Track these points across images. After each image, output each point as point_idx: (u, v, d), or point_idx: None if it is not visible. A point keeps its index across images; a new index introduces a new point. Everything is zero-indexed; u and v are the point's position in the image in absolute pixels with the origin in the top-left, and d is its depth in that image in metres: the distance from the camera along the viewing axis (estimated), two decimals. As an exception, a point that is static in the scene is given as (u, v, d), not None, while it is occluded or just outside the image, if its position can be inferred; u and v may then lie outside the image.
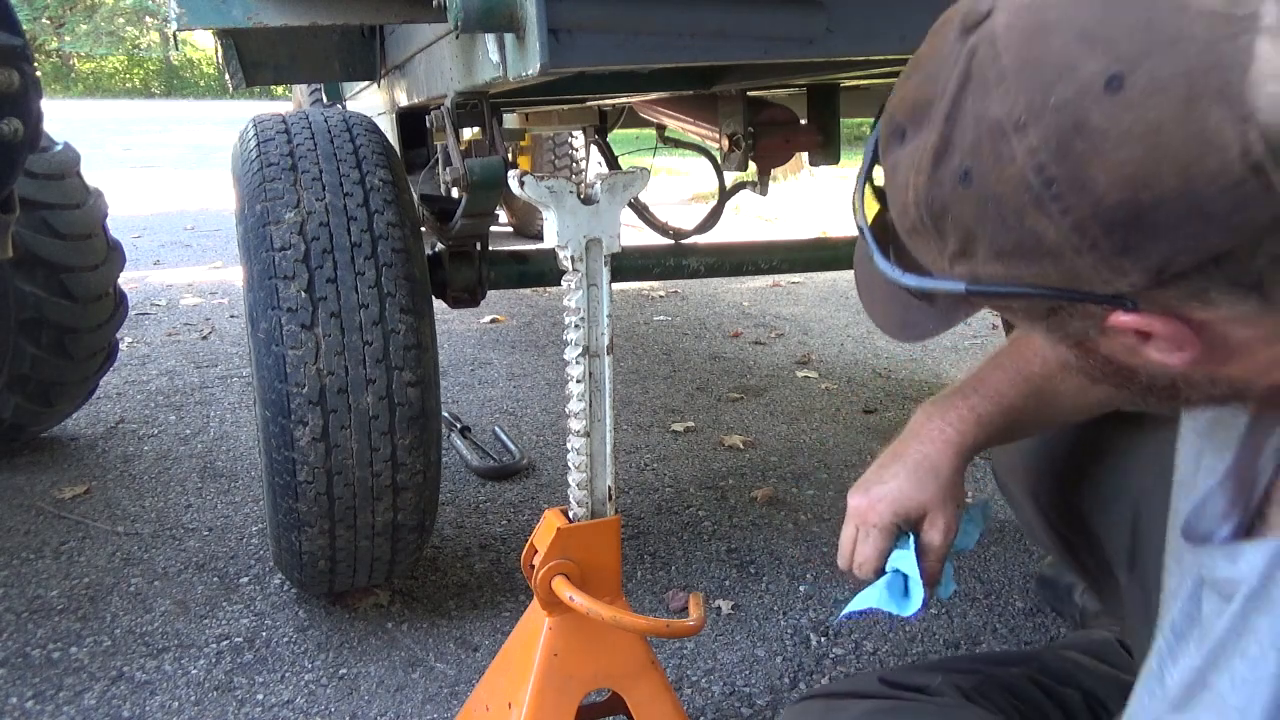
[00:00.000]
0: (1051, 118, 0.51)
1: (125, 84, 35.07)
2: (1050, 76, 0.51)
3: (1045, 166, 0.52)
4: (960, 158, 0.55)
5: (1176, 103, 0.48)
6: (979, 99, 0.54)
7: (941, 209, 0.57)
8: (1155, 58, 0.49)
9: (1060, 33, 0.52)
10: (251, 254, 1.47)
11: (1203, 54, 0.48)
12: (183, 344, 3.76)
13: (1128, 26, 0.50)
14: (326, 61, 2.10)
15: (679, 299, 4.58)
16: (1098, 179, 0.50)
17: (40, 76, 1.71)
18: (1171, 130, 0.48)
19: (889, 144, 0.62)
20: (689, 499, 2.31)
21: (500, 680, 1.23)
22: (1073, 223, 0.52)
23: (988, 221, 0.55)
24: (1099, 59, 0.50)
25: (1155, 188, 0.49)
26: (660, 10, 0.86)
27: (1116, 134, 0.49)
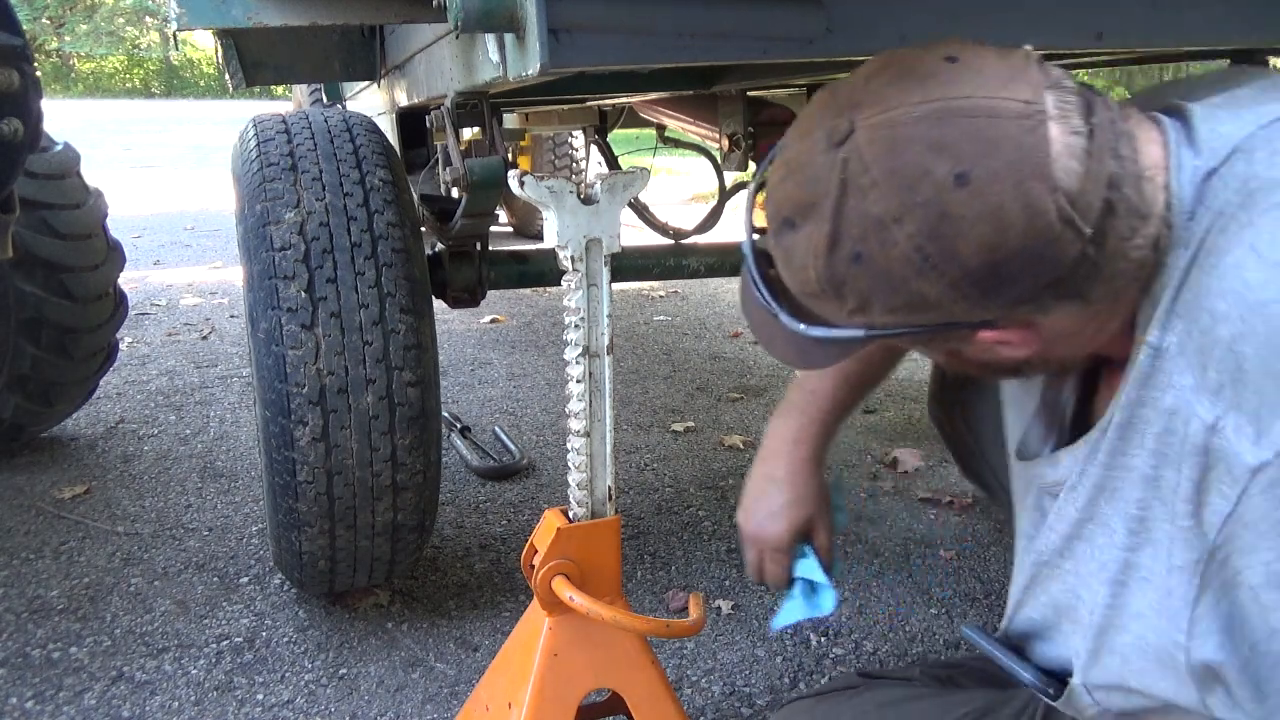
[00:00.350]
0: (920, 211, 0.68)
1: (125, 84, 35.06)
2: (913, 179, 0.68)
3: (922, 247, 0.68)
4: (851, 244, 0.71)
5: (1009, 187, 0.66)
6: (858, 201, 0.70)
7: (840, 281, 0.73)
8: (987, 157, 0.67)
9: (912, 145, 0.68)
10: (251, 254, 1.47)
11: (1018, 147, 0.66)
12: (183, 344, 3.76)
13: (961, 135, 0.67)
14: (326, 61, 2.10)
15: (679, 299, 4.58)
16: (962, 250, 0.68)
17: (40, 76, 1.71)
18: (1009, 207, 0.66)
19: (781, 231, 0.76)
20: (689, 499, 2.31)
21: (500, 680, 1.23)
22: (948, 283, 0.70)
23: (880, 289, 0.72)
24: (946, 163, 0.67)
25: (1004, 249, 0.67)
26: (660, 10, 0.86)
27: (971, 216, 0.67)
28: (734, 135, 2.20)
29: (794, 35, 0.89)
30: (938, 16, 0.94)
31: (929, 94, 0.69)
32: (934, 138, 0.68)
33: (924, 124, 0.68)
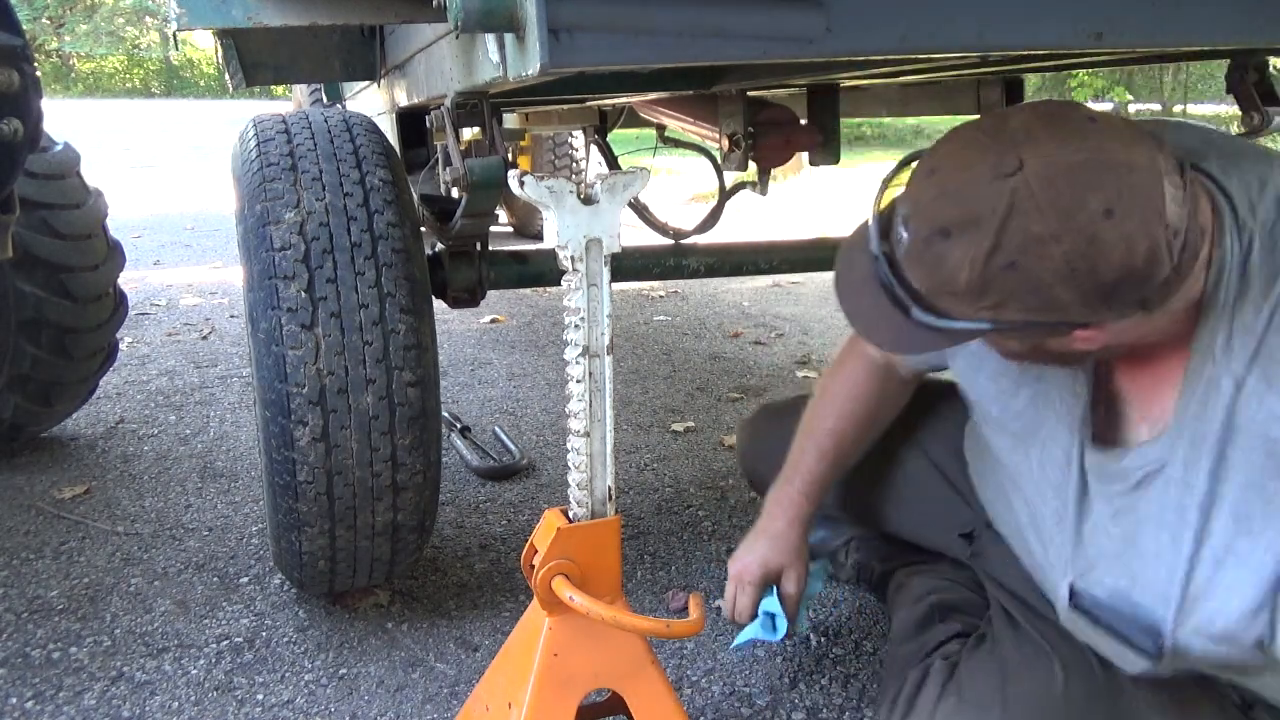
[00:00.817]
0: (1076, 235, 0.86)
1: (125, 84, 35.04)
2: (1072, 209, 0.86)
3: (1072, 262, 0.87)
4: (1008, 255, 0.88)
5: (1140, 224, 0.86)
6: (1021, 221, 0.87)
7: (988, 284, 0.90)
8: (1127, 199, 0.86)
9: (1072, 183, 0.87)
10: (251, 254, 1.47)
11: (1148, 195, 0.87)
12: (183, 344, 3.76)
13: (1108, 180, 0.86)
14: (326, 61, 2.10)
15: (679, 299, 4.58)
16: (1102, 267, 0.87)
17: (40, 76, 1.71)
18: (1140, 238, 0.87)
19: (932, 237, 0.92)
20: (689, 499, 2.31)
21: (500, 680, 1.23)
22: (1082, 292, 0.88)
23: (1023, 292, 0.90)
24: (1099, 199, 0.86)
25: (1131, 269, 0.87)
26: (660, 10, 0.85)
27: (1113, 241, 0.86)
28: (734, 135, 2.20)
29: (794, 35, 0.89)
30: (938, 16, 0.94)
31: (1083, 145, 0.88)
32: (1089, 180, 0.86)
33: (1081, 169, 0.87)
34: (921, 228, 0.93)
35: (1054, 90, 14.88)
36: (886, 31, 0.93)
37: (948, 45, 0.97)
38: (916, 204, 0.95)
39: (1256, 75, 1.76)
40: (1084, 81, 11.86)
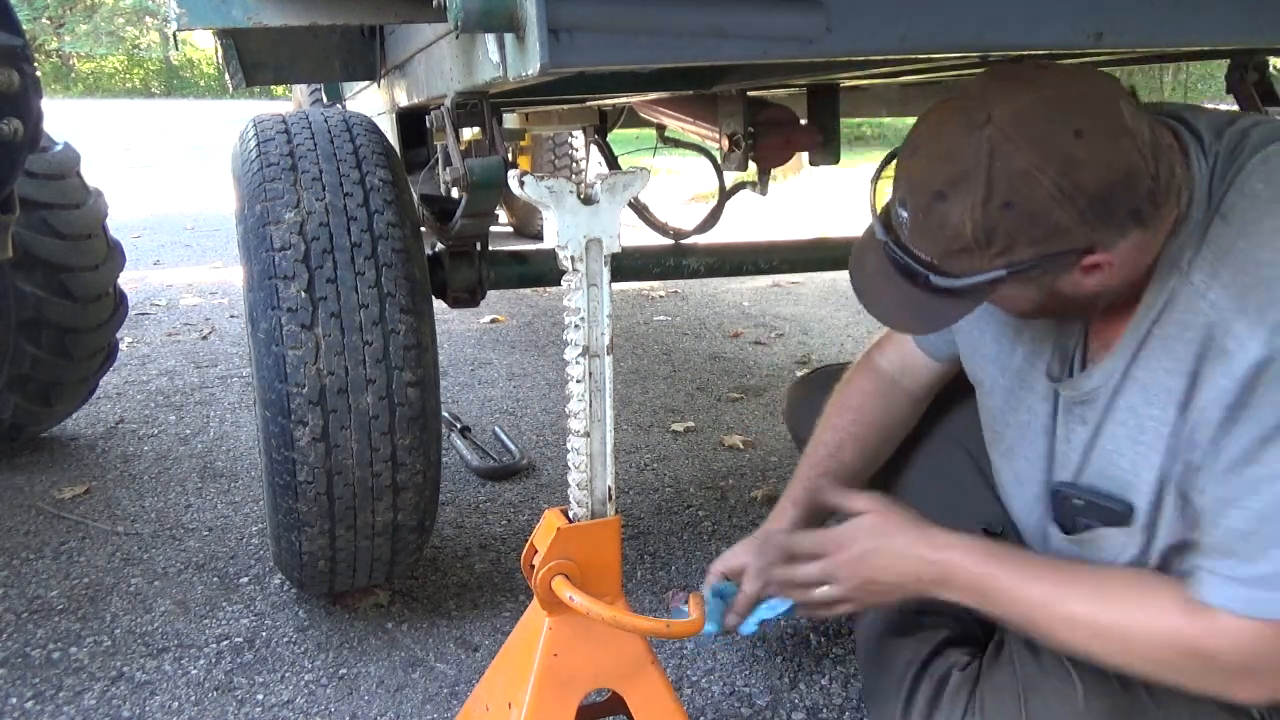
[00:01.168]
0: (1056, 159, 0.93)
1: (125, 84, 35.04)
2: (1046, 138, 0.94)
3: (1060, 184, 0.93)
4: (1002, 195, 0.95)
5: (1108, 138, 0.94)
6: (1005, 162, 0.94)
7: (992, 228, 0.96)
8: (1092, 119, 0.95)
9: (1039, 116, 0.95)
10: (251, 254, 1.47)
11: (1108, 115, 0.95)
12: (183, 344, 3.76)
13: (1072, 108, 0.95)
14: (326, 61, 2.10)
15: (679, 299, 4.58)
16: (1086, 182, 0.94)
17: (40, 76, 1.71)
18: (1111, 150, 0.94)
19: (931, 205, 0.98)
20: (689, 499, 2.31)
21: (500, 680, 1.23)
22: (1077, 210, 0.95)
23: (1026, 225, 0.95)
24: (1067, 125, 0.94)
25: (1111, 179, 0.94)
26: (660, 10, 0.86)
27: (1088, 158, 0.94)
28: (734, 135, 2.20)
29: (794, 35, 0.89)
30: (938, 16, 0.94)
31: (1039, 86, 0.96)
32: (1052, 111, 0.94)
33: (1044, 103, 0.95)
34: (919, 198, 0.99)
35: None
36: (886, 31, 0.93)
37: (948, 45, 0.97)
38: (908, 180, 1.01)
39: (1256, 75, 1.76)
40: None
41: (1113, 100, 0.96)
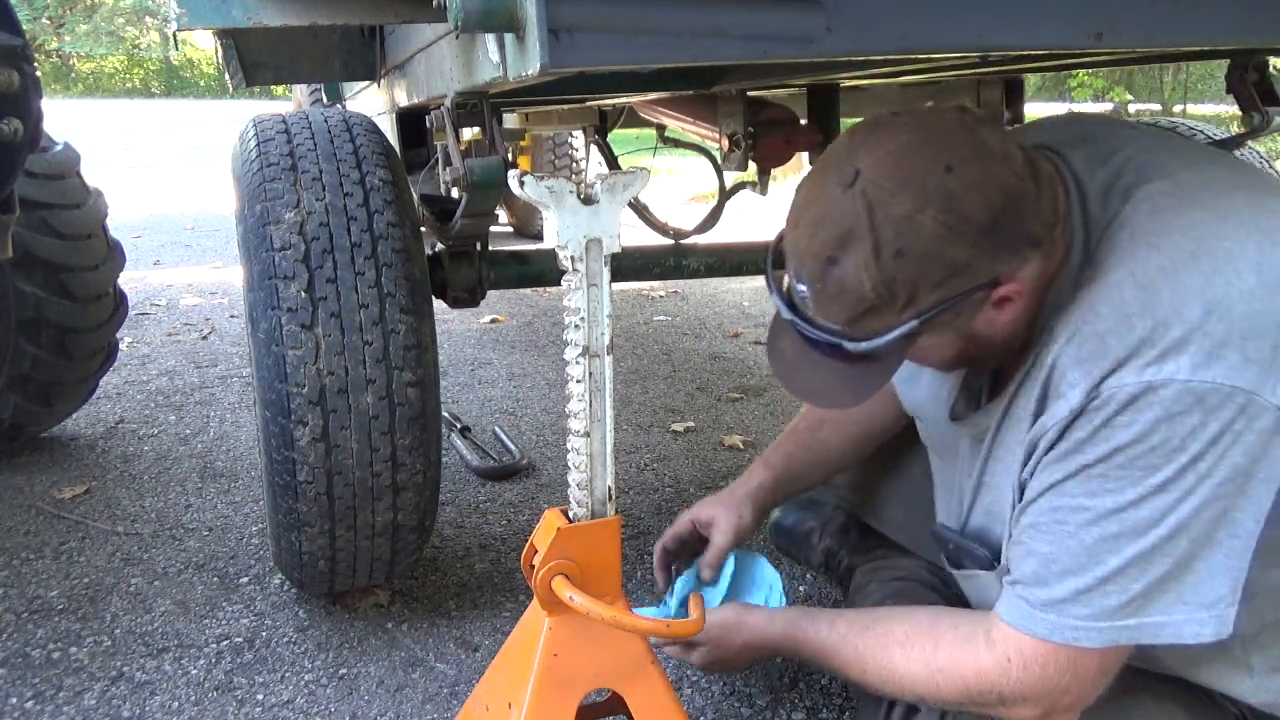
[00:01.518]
0: (934, 198, 0.94)
1: (125, 84, 35.05)
2: (920, 179, 0.94)
3: (944, 221, 0.94)
4: (891, 246, 0.95)
5: (976, 166, 0.95)
6: (885, 210, 0.95)
7: (891, 279, 0.96)
8: (957, 151, 0.95)
9: (907, 160, 0.96)
10: (251, 254, 1.47)
11: (972, 144, 0.96)
12: (183, 344, 3.76)
13: (935, 145, 0.96)
14: (326, 61, 2.10)
15: (679, 299, 4.58)
16: (971, 213, 0.94)
17: (40, 76, 1.71)
18: (983, 177, 0.95)
19: (825, 272, 0.98)
20: (689, 499, 2.31)
21: (500, 680, 1.23)
22: (970, 242, 0.95)
23: (923, 269, 0.95)
24: (936, 162, 0.95)
25: (994, 205, 0.94)
26: (660, 10, 0.85)
27: (964, 190, 0.94)
28: (734, 135, 2.20)
29: (794, 35, 0.89)
30: (938, 16, 0.94)
31: (897, 133, 0.98)
32: (920, 150, 0.96)
33: (909, 147, 0.96)
34: (812, 268, 1.00)
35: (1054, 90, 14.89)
36: (886, 31, 0.93)
37: (948, 45, 0.97)
38: (796, 253, 1.02)
39: (1256, 75, 1.76)
40: (1084, 81, 11.86)
41: (974, 130, 0.97)
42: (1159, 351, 0.93)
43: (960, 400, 1.24)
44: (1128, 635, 0.98)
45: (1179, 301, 0.93)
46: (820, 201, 1.00)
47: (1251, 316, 0.92)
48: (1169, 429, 0.92)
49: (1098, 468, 0.96)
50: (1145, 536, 0.95)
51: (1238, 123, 1.90)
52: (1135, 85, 12.82)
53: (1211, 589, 0.95)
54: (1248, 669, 1.08)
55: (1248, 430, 0.92)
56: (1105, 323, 0.96)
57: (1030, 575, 1.02)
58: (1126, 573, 0.96)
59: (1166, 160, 1.05)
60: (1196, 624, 0.96)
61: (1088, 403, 0.95)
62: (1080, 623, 0.98)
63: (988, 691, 1.05)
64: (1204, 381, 0.91)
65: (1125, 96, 12.22)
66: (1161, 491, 0.93)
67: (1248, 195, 1.02)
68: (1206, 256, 0.95)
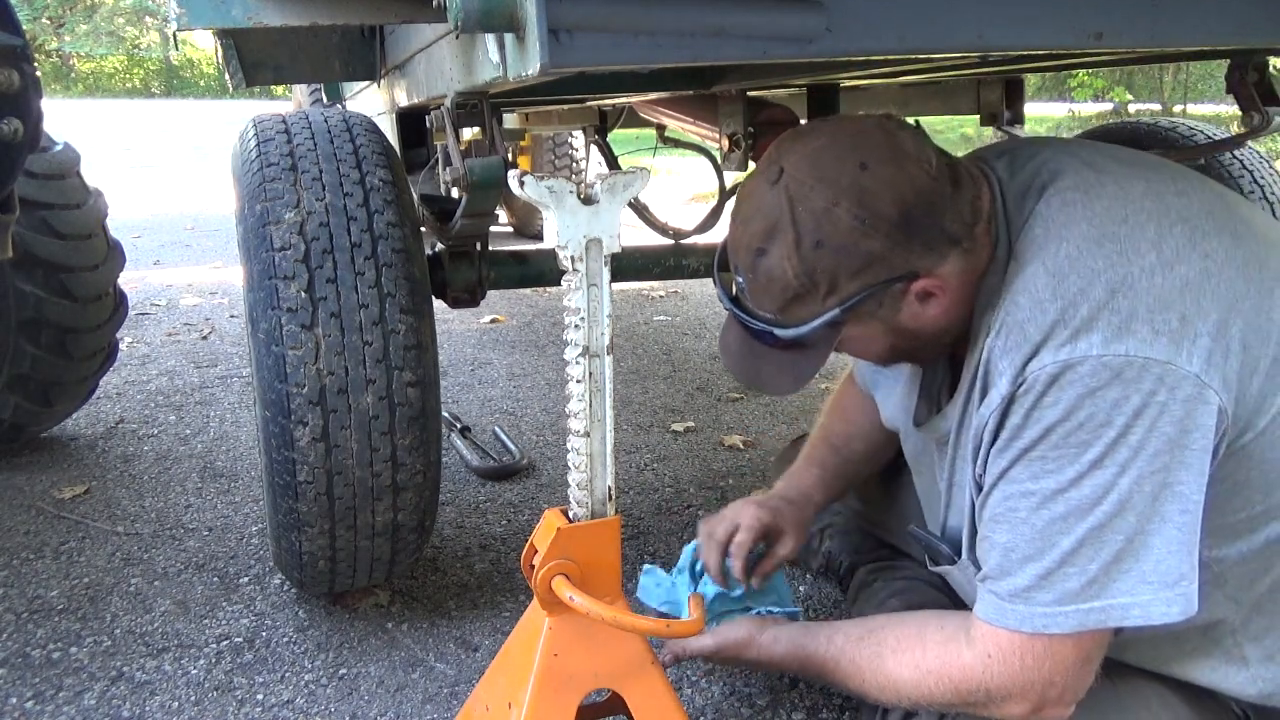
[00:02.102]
0: (848, 192, 1.01)
1: (125, 84, 35.05)
2: (835, 175, 1.02)
3: (858, 214, 1.01)
4: (811, 236, 1.02)
5: (892, 166, 1.02)
6: (804, 205, 1.02)
7: (812, 269, 1.03)
8: (872, 151, 1.02)
9: (825, 157, 1.03)
10: (251, 254, 1.47)
11: (889, 145, 1.03)
12: (183, 344, 3.76)
13: (852, 144, 1.03)
14: (326, 61, 2.10)
15: (679, 299, 4.58)
16: (883, 209, 1.01)
17: (40, 76, 1.71)
18: (897, 175, 1.01)
19: (756, 261, 1.06)
20: (689, 499, 2.31)
21: (500, 680, 1.23)
22: (884, 235, 1.01)
23: (841, 259, 1.02)
24: (851, 160, 1.02)
25: (905, 201, 1.01)
26: (660, 10, 0.86)
27: (877, 187, 1.01)
28: (734, 135, 2.20)
29: (794, 35, 0.89)
30: (937, 16, 0.94)
31: (820, 135, 1.06)
32: (837, 150, 1.03)
33: (829, 146, 1.04)
34: (744, 259, 1.08)
35: (1054, 90, 14.87)
36: (886, 31, 0.93)
37: (948, 45, 0.97)
38: (733, 246, 1.10)
39: (1256, 75, 1.76)
40: (1084, 81, 11.85)
41: (892, 134, 1.04)
42: (1070, 331, 0.98)
43: (921, 406, 1.28)
44: (1095, 618, 0.99)
45: (1085, 284, 0.99)
46: (752, 198, 1.07)
47: (1155, 290, 0.98)
48: (1092, 404, 0.96)
49: (1036, 450, 0.99)
50: (1091, 514, 0.97)
51: (1238, 123, 1.90)
52: (1135, 85, 12.81)
53: (1172, 566, 0.97)
54: (1242, 660, 1.09)
55: (1171, 400, 0.95)
56: (1023, 311, 1.01)
57: (995, 568, 1.04)
58: (1081, 552, 0.98)
59: (1075, 162, 1.11)
60: (1163, 603, 0.97)
61: (1015, 389, 1.00)
62: (1046, 609, 1.00)
63: (975, 690, 1.06)
64: (1117, 355, 0.96)
65: (1125, 96, 12.21)
66: (1098, 467, 0.97)
67: (1145, 185, 1.07)
68: (1109, 241, 1.01)
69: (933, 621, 1.15)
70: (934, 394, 1.26)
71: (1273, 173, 2.33)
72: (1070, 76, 11.62)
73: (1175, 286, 0.98)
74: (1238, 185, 2.23)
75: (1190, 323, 0.96)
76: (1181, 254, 1.00)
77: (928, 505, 1.34)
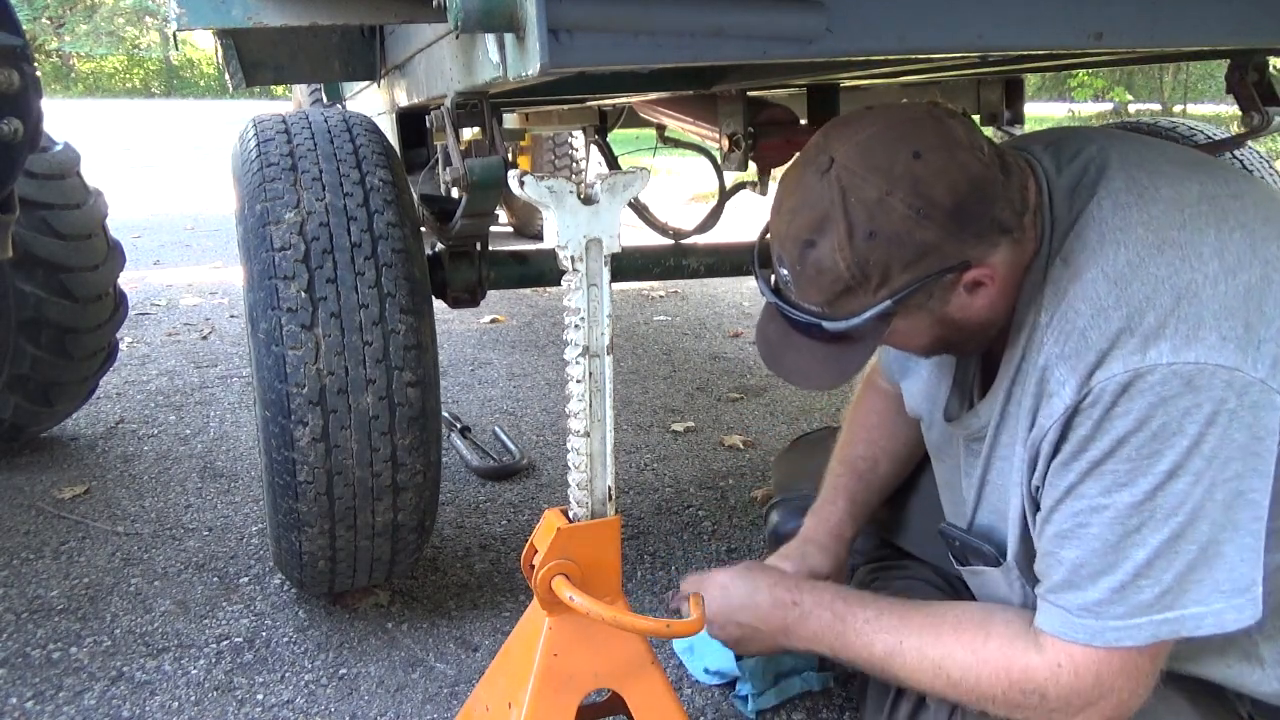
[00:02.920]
0: (902, 181, 0.98)
1: (125, 84, 35.06)
2: (889, 165, 0.99)
3: (912, 204, 0.98)
4: (864, 227, 0.99)
5: (944, 154, 0.99)
6: (857, 194, 0.99)
7: (864, 260, 1.00)
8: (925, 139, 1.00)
9: (878, 147, 1.00)
10: (251, 254, 1.47)
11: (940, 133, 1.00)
12: (183, 344, 3.76)
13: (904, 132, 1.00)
14: (326, 61, 2.10)
15: (679, 299, 4.58)
16: (938, 197, 0.98)
17: (40, 76, 1.71)
18: (950, 164, 0.99)
19: (803, 254, 1.03)
20: (689, 499, 2.31)
21: (500, 680, 1.23)
22: (938, 225, 0.99)
23: (895, 250, 0.99)
24: (904, 149, 0.99)
25: (960, 190, 0.98)
26: (660, 10, 0.85)
27: (932, 176, 0.98)
28: (734, 135, 2.20)
29: (794, 35, 0.89)
30: (937, 16, 0.94)
31: (870, 124, 1.03)
32: (889, 138, 1.00)
33: (880, 135, 1.01)
34: (791, 252, 1.05)
35: (1054, 90, 14.87)
36: (886, 31, 0.93)
37: (948, 45, 0.97)
38: (778, 238, 1.07)
39: (1256, 75, 1.76)
40: (1084, 81, 11.86)
41: (943, 121, 1.02)
42: (1139, 339, 0.96)
43: (953, 400, 1.26)
44: (1169, 629, 0.98)
45: (1150, 291, 0.98)
46: (799, 189, 1.04)
47: (1220, 298, 0.97)
48: (1164, 412, 0.94)
49: (1108, 463, 0.97)
50: (1166, 524, 0.96)
51: (1238, 123, 1.90)
52: (1135, 85, 12.82)
53: (1243, 574, 0.97)
54: (1259, 660, 1.09)
55: (1241, 406, 0.94)
56: (1083, 319, 0.99)
57: (1062, 582, 1.02)
58: (1155, 564, 0.97)
59: (1124, 160, 1.10)
60: (1234, 610, 0.97)
61: (1081, 399, 0.98)
62: (1119, 623, 0.99)
63: (1031, 691, 1.04)
64: (1188, 363, 0.94)
65: (1125, 96, 12.21)
66: (1173, 477, 0.95)
67: (1200, 188, 1.06)
68: (1170, 247, 1.00)
69: (999, 614, 1.13)
70: (967, 387, 1.24)
71: (1273, 173, 2.33)
72: (1070, 76, 11.62)
73: (1239, 293, 0.97)
74: (1238, 185, 2.23)
75: (1254, 329, 0.96)
76: (1243, 260, 0.99)
77: (950, 497, 1.32)
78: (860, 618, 1.21)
